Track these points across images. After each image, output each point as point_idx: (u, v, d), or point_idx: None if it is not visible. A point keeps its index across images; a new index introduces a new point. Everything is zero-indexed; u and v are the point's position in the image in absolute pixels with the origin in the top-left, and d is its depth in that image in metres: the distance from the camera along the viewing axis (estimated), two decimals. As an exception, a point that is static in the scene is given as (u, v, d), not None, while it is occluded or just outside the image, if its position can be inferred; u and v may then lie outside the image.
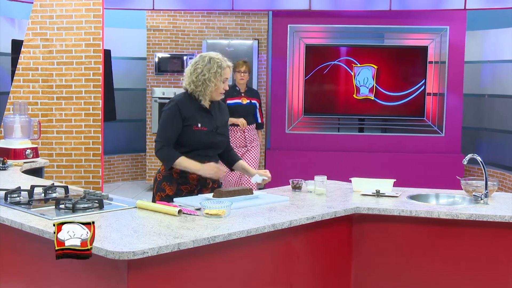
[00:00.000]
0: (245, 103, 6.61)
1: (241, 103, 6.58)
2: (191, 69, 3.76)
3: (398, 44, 8.94)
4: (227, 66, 3.77)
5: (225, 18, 8.96)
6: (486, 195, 3.56)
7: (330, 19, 8.92)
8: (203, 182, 3.80)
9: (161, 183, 3.81)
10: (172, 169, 3.77)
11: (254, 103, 6.70)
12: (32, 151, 5.07)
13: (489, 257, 3.34)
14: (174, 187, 3.77)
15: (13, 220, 3.01)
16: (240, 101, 6.57)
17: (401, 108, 8.97)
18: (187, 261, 2.74)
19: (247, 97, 6.64)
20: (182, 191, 3.75)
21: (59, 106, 6.18)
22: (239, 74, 6.59)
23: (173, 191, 3.76)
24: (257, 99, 6.75)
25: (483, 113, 9.35)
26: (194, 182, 3.78)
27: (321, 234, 3.37)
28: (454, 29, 8.80)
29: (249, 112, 6.65)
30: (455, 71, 8.83)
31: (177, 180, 3.77)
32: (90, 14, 6.14)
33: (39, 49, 6.16)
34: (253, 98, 6.70)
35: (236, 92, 6.62)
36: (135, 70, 9.71)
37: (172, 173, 3.77)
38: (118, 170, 9.70)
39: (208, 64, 3.72)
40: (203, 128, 3.75)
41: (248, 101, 6.63)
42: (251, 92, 6.78)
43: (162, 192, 3.79)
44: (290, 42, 9.00)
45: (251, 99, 6.68)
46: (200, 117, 3.75)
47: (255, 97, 6.75)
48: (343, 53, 8.96)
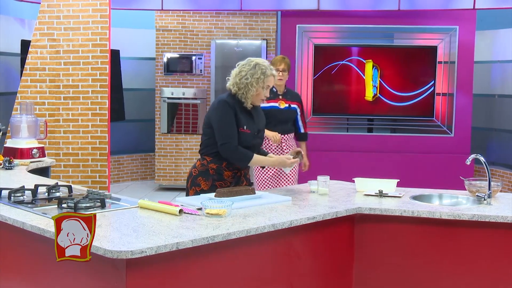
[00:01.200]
0: (283, 108, 5.45)
1: (278, 107, 5.44)
2: (236, 71, 3.90)
3: (407, 44, 8.90)
4: (271, 75, 3.90)
5: (233, 18, 8.97)
6: (490, 195, 3.54)
7: (339, 19, 8.89)
8: (238, 179, 3.91)
9: (196, 177, 3.91)
10: (208, 165, 3.87)
11: (294, 108, 5.53)
12: (39, 151, 5.10)
13: (491, 257, 3.32)
14: (209, 183, 3.87)
15: (15, 219, 3.03)
16: (277, 105, 5.43)
17: (410, 108, 8.94)
18: (186, 260, 2.74)
19: (285, 100, 5.48)
20: (216, 187, 3.83)
21: (66, 106, 6.21)
22: (277, 73, 5.28)
23: (208, 186, 3.86)
24: (297, 103, 5.56)
25: (493, 113, 9.29)
26: (229, 179, 3.88)
27: (323, 234, 3.36)
28: (464, 28, 8.74)
29: (287, 118, 5.52)
30: (465, 71, 8.78)
31: (213, 176, 3.87)
32: (97, 15, 6.17)
33: (47, 49, 6.19)
34: (293, 102, 5.52)
35: (273, 93, 5.44)
36: (144, 70, 9.75)
37: (209, 169, 3.87)
38: (127, 170, 9.74)
39: (253, 69, 3.85)
40: (247, 130, 3.86)
41: (286, 105, 5.46)
42: (290, 95, 5.57)
43: (197, 187, 3.89)
44: (298, 42, 8.98)
45: (290, 102, 5.50)
46: (245, 119, 3.87)
47: (295, 100, 5.56)
48: (352, 53, 8.93)
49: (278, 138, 5.27)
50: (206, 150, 3.91)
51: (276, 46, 9.07)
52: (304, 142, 5.66)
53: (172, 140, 9.07)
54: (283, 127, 5.43)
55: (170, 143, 9.08)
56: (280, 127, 5.39)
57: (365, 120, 9.14)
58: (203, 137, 3.93)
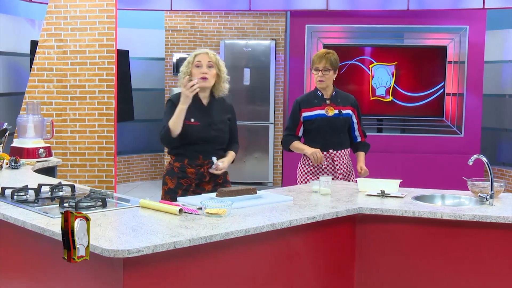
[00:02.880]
0: (332, 115, 4.44)
1: (324, 115, 4.44)
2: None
3: (417, 44, 8.87)
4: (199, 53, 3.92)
5: (242, 19, 8.98)
6: (492, 196, 3.52)
7: (348, 19, 8.88)
8: (201, 175, 3.92)
9: (164, 177, 4.01)
10: (173, 164, 3.95)
11: (347, 114, 4.49)
12: (45, 150, 5.13)
13: (493, 258, 3.30)
14: (175, 181, 3.94)
15: (16, 218, 3.05)
16: (323, 112, 4.45)
17: (420, 108, 8.91)
18: (184, 260, 2.74)
19: (334, 106, 4.47)
20: (182, 184, 3.91)
21: (73, 106, 6.25)
22: (317, 73, 4.44)
23: (174, 184, 3.93)
24: (351, 108, 4.52)
25: (503, 113, 9.24)
26: (193, 176, 3.92)
27: (323, 234, 3.35)
28: (474, 28, 8.70)
29: (338, 128, 4.47)
30: (475, 71, 8.74)
31: (177, 174, 3.93)
32: (104, 15, 6.21)
33: (54, 50, 6.25)
34: (345, 107, 4.49)
35: (318, 98, 4.49)
36: (154, 70, 9.78)
37: (173, 167, 3.95)
38: (137, 169, 9.78)
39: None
40: (195, 122, 3.87)
41: (336, 112, 4.45)
42: (341, 98, 4.52)
43: (165, 186, 3.98)
44: (307, 42, 8.98)
45: (341, 108, 4.48)
46: (195, 111, 3.87)
47: (348, 104, 4.52)
48: (361, 53, 8.91)
49: (319, 156, 4.34)
50: (170, 150, 4.00)
51: (285, 46, 9.07)
52: (363, 152, 4.62)
53: (181, 140, 9.08)
54: (334, 140, 4.46)
55: (179, 143, 9.08)
56: (330, 141, 4.45)
57: (374, 120, 9.12)
58: None
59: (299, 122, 4.53)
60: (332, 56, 4.41)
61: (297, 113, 4.53)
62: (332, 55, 4.42)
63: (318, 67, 4.39)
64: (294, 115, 4.55)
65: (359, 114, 4.56)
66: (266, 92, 8.86)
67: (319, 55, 4.42)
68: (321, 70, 4.38)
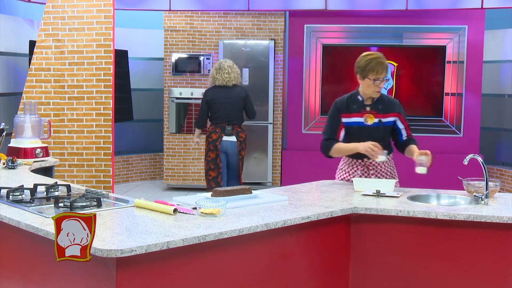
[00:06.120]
0: (371, 124, 4.07)
1: (363, 124, 4.08)
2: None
3: (416, 43, 8.87)
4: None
5: (241, 19, 8.97)
6: (487, 195, 3.52)
7: (347, 18, 8.88)
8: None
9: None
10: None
11: (389, 123, 4.13)
12: (42, 150, 5.13)
13: (487, 258, 3.30)
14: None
15: (11, 217, 3.05)
16: (361, 121, 4.09)
17: (419, 108, 8.90)
18: (177, 260, 2.75)
19: (375, 113, 4.08)
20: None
21: (70, 106, 6.25)
22: (376, 83, 4.04)
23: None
24: (396, 114, 4.15)
25: (502, 113, 9.23)
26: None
27: (318, 234, 3.35)
28: (473, 28, 8.70)
29: (377, 138, 4.04)
30: (474, 70, 8.74)
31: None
32: (101, 15, 6.20)
33: (51, 50, 6.25)
34: (388, 114, 4.11)
35: (357, 103, 4.12)
36: (153, 70, 9.78)
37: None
38: (136, 169, 9.78)
39: None
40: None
41: (376, 121, 4.08)
42: (383, 104, 4.11)
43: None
44: (306, 42, 8.98)
45: (383, 116, 4.10)
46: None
47: (391, 111, 4.13)
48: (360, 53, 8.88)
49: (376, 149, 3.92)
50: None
51: (284, 46, 9.07)
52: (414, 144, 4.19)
53: (181, 140, 9.10)
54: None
55: (178, 143, 9.10)
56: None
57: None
58: None
59: (339, 125, 4.13)
60: (385, 61, 4.06)
61: (337, 116, 4.15)
62: (385, 60, 4.08)
63: (379, 77, 3.98)
64: (333, 118, 4.18)
65: (405, 117, 4.20)
66: (265, 92, 8.86)
67: (377, 63, 3.99)
68: (381, 81, 4.01)
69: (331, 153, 4.14)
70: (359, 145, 3.99)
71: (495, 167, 9.00)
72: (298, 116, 9.07)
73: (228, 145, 6.68)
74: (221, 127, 6.67)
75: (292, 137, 9.13)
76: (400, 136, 4.19)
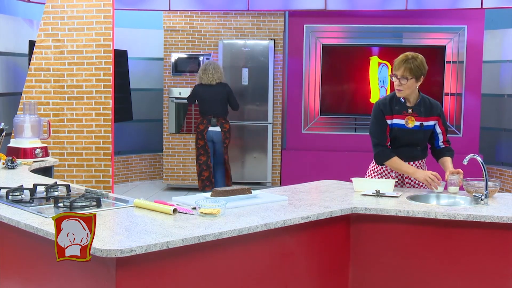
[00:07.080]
0: (411, 127, 3.98)
1: (404, 127, 3.99)
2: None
3: (416, 43, 8.86)
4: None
5: (241, 19, 8.97)
6: (486, 195, 3.52)
7: (347, 18, 8.88)
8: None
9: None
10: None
11: (429, 127, 4.04)
12: (42, 150, 5.13)
13: (487, 258, 3.30)
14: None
15: (10, 217, 3.05)
16: (403, 123, 3.99)
17: (419, 108, 8.89)
18: (177, 260, 2.75)
19: (416, 116, 3.99)
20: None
21: (70, 106, 6.25)
22: (395, 81, 3.97)
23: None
24: (436, 118, 4.04)
25: (502, 113, 9.23)
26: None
27: (318, 234, 3.35)
28: (472, 28, 8.70)
29: (417, 141, 4.04)
30: (473, 70, 8.74)
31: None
32: (101, 15, 6.20)
33: (51, 50, 6.24)
34: (428, 118, 4.01)
35: (399, 105, 4.01)
36: (152, 70, 9.79)
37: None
38: (136, 169, 9.77)
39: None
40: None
41: (417, 124, 3.99)
42: (425, 107, 4.02)
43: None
44: (306, 42, 8.98)
45: (424, 119, 4.00)
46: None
47: (432, 115, 4.03)
48: (360, 53, 8.91)
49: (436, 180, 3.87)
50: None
51: (283, 46, 9.07)
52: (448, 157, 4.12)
53: (180, 140, 9.10)
54: (408, 153, 4.04)
55: (178, 143, 9.10)
56: (404, 153, 4.01)
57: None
58: None
59: (387, 126, 4.01)
60: (413, 62, 3.92)
61: (382, 118, 4.01)
62: (414, 61, 3.93)
63: (396, 74, 3.91)
64: (379, 120, 4.02)
65: (444, 122, 4.08)
66: (264, 92, 8.86)
67: (399, 60, 3.94)
68: (398, 79, 3.90)
69: (386, 163, 4.03)
70: (418, 172, 3.95)
71: (494, 167, 9.00)
72: (297, 116, 9.07)
73: (214, 134, 7.67)
74: (208, 119, 7.65)
75: (292, 137, 9.13)
76: (436, 140, 4.10)
